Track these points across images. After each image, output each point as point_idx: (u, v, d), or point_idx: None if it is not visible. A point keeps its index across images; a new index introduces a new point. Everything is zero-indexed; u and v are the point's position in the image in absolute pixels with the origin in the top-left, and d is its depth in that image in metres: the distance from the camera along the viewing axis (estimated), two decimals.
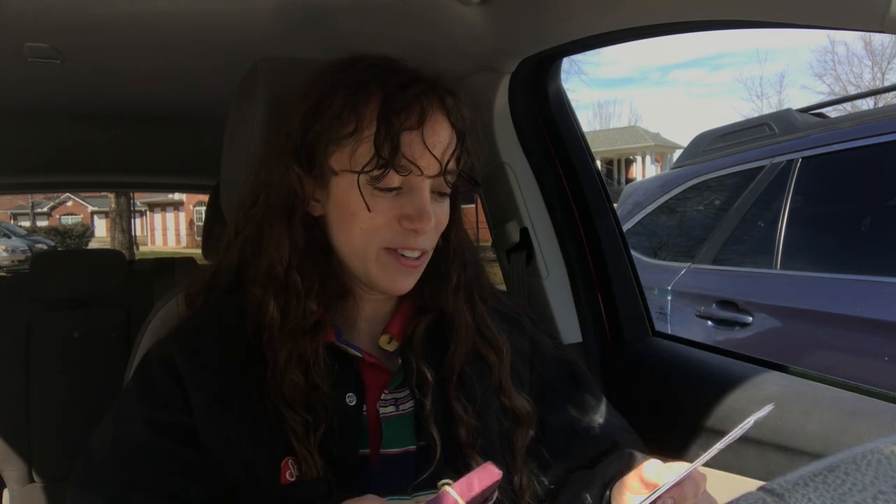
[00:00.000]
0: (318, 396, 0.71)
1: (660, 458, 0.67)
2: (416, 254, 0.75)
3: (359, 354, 0.76)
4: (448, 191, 0.76)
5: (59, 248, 16.20)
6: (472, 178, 0.78)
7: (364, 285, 0.78)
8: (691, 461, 0.65)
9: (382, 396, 0.77)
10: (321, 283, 0.75)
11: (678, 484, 0.60)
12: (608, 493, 0.75)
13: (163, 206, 29.75)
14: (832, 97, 18.81)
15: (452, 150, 0.73)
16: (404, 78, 0.72)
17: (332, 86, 0.73)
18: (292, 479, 0.69)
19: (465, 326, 0.80)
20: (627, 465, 0.76)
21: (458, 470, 0.74)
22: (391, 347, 0.80)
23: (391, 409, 0.77)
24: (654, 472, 0.67)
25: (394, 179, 0.71)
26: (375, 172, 0.69)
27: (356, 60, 0.76)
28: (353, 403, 0.74)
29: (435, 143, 0.72)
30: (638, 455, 0.78)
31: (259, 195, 0.76)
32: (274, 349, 0.72)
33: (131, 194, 14.70)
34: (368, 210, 0.71)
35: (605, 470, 0.78)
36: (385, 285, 0.76)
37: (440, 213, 0.75)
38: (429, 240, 0.75)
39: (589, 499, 0.76)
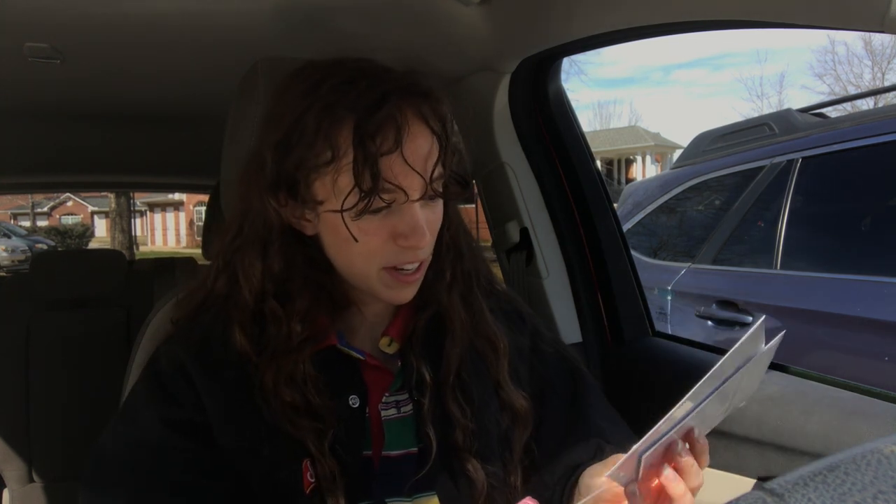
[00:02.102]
0: (319, 405, 0.71)
1: None
2: (415, 265, 0.74)
3: (360, 357, 0.76)
4: (437, 194, 0.73)
5: (59, 248, 16.21)
6: (462, 178, 0.76)
7: (367, 295, 0.77)
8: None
9: (384, 399, 0.77)
10: (316, 299, 0.74)
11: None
12: (573, 478, 0.74)
13: (163, 206, 29.76)
14: (832, 97, 18.81)
15: (436, 158, 0.70)
16: (374, 95, 0.67)
17: (301, 113, 0.69)
18: (313, 481, 0.69)
19: (460, 324, 0.79)
20: (595, 454, 0.76)
21: (453, 473, 0.75)
22: (391, 350, 0.80)
23: (393, 411, 0.77)
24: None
25: (379, 203, 0.68)
26: (360, 206, 0.67)
27: (323, 78, 0.71)
28: (357, 406, 0.74)
29: (416, 159, 0.68)
30: (607, 446, 0.77)
31: (243, 225, 0.75)
32: (258, 372, 0.71)
33: (131, 194, 14.72)
34: (356, 241, 0.69)
35: (570, 455, 0.78)
36: (389, 298, 0.75)
37: (433, 218, 0.74)
38: (426, 249, 0.74)
39: (549, 483, 0.76)
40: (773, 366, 1.12)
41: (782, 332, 0.58)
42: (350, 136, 0.66)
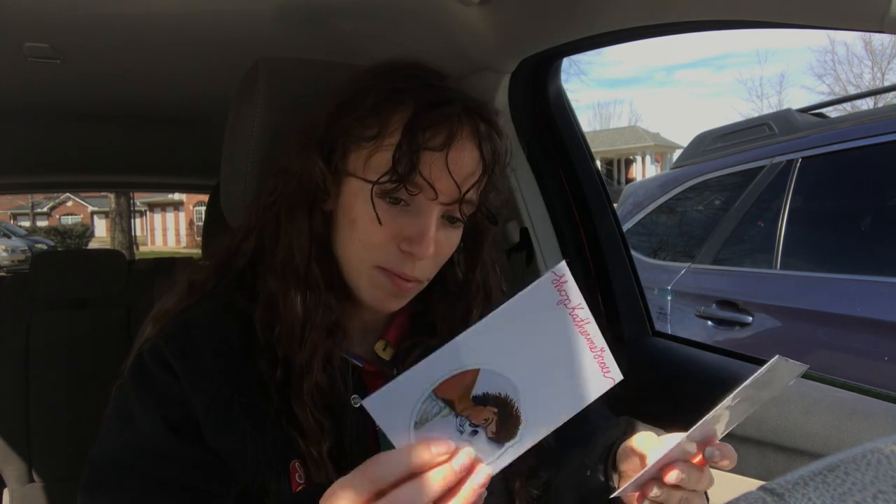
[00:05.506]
0: (337, 400, 0.70)
1: None
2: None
3: (359, 364, 0.75)
4: (460, 218, 0.72)
5: (59, 248, 16.19)
6: (490, 214, 0.76)
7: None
8: None
9: None
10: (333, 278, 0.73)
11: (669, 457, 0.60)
12: (611, 457, 0.74)
13: (163, 206, 29.76)
14: (832, 97, 18.81)
15: (476, 179, 0.70)
16: (441, 95, 0.69)
17: (369, 86, 0.71)
18: (301, 482, 0.67)
19: None
20: (628, 432, 0.76)
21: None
22: (386, 355, 0.79)
23: None
24: (646, 443, 0.67)
25: (405, 192, 0.68)
26: (388, 186, 0.67)
27: (402, 66, 0.73)
28: (358, 406, 0.73)
29: (457, 168, 0.68)
30: (638, 424, 0.77)
31: (285, 185, 0.74)
32: (292, 347, 0.69)
33: (131, 194, 14.72)
34: (380, 222, 0.68)
35: (607, 434, 0.77)
36: (372, 303, 0.73)
37: (446, 242, 0.72)
38: (426, 270, 0.72)
39: (589, 464, 0.75)
40: None
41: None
42: (402, 121, 0.67)
